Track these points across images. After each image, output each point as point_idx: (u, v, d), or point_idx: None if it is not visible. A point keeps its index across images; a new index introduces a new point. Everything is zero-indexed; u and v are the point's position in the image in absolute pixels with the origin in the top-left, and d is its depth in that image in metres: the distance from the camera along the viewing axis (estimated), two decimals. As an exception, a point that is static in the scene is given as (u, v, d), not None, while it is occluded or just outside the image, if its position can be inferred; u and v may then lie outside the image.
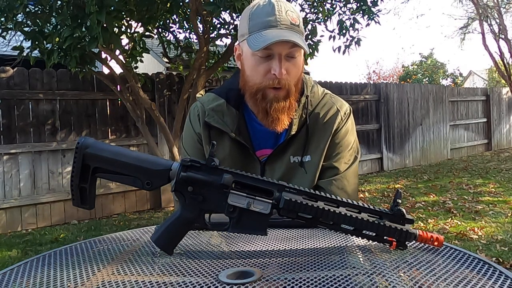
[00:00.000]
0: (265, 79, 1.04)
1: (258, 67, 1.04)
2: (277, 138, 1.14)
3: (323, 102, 1.17)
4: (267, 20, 1.01)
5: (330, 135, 1.14)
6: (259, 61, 1.03)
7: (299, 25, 1.03)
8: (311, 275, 0.71)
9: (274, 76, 1.02)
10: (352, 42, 5.24)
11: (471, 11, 12.89)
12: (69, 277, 0.75)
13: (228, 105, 1.14)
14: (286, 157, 1.13)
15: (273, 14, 1.01)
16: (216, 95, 1.17)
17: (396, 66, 28.45)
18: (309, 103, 1.15)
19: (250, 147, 1.13)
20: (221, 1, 3.69)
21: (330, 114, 1.16)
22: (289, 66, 1.04)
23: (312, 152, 1.14)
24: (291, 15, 1.02)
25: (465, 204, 5.25)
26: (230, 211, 0.82)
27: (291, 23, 1.01)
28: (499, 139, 11.89)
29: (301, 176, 1.13)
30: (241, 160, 1.13)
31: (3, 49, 5.88)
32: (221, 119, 1.13)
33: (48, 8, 3.96)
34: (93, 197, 0.87)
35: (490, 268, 0.74)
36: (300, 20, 1.05)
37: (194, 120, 1.19)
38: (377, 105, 8.65)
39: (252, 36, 1.02)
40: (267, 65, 1.03)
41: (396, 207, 0.83)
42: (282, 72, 1.02)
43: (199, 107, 1.19)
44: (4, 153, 4.68)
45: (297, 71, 1.07)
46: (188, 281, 0.70)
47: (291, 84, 1.05)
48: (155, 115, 4.83)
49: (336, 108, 1.17)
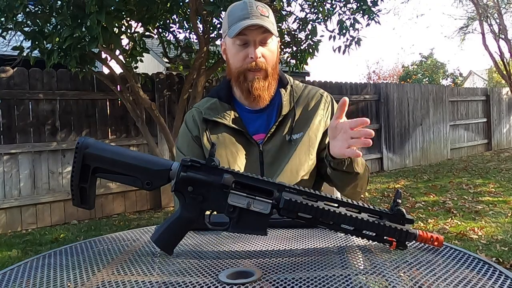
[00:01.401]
0: (245, 62, 1.22)
1: (238, 54, 1.23)
2: (268, 122, 1.29)
3: (307, 90, 1.35)
4: (241, 14, 1.21)
5: (317, 111, 1.31)
6: (238, 49, 1.22)
7: (268, 16, 1.23)
8: (311, 275, 0.71)
9: (251, 59, 1.21)
10: (352, 42, 5.23)
11: (471, 11, 12.90)
12: (69, 277, 0.75)
13: (220, 102, 1.30)
14: (280, 137, 1.26)
15: (246, 8, 1.21)
16: (208, 97, 1.34)
17: (396, 66, 28.46)
18: (294, 91, 1.33)
19: (246, 132, 1.26)
20: (221, 1, 3.69)
21: (315, 98, 1.33)
22: (263, 50, 1.22)
23: (303, 129, 1.28)
24: (261, 8, 1.23)
25: (465, 204, 5.25)
26: (230, 211, 0.82)
27: (261, 14, 1.21)
28: (499, 139, 11.89)
29: (294, 150, 1.25)
30: (240, 146, 1.25)
31: (3, 49, 5.88)
32: (217, 114, 1.28)
33: (48, 8, 3.96)
34: (93, 197, 0.87)
35: (490, 268, 0.74)
36: (270, 13, 1.24)
37: (190, 124, 1.31)
38: (377, 105, 8.65)
39: (231, 28, 1.21)
40: (245, 51, 1.22)
41: (396, 207, 0.83)
42: (257, 54, 1.20)
43: (194, 112, 1.33)
44: (4, 153, 4.68)
45: (272, 55, 1.24)
46: (188, 281, 0.70)
47: (268, 66, 1.23)
48: (155, 115, 4.83)
49: (319, 94, 1.35)
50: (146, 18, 4.47)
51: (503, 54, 11.58)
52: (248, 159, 1.24)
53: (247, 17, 1.19)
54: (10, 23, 3.94)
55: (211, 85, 6.07)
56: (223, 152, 1.23)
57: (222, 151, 1.23)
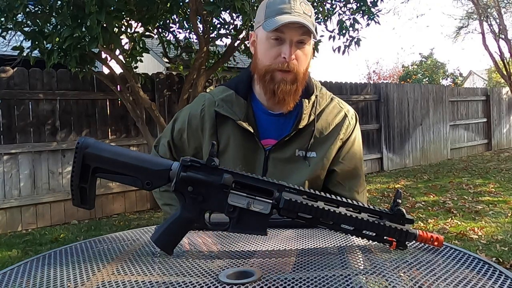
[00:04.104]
0: (275, 62, 1.11)
1: (270, 50, 1.11)
2: (282, 129, 1.18)
3: (331, 105, 1.23)
4: (282, 7, 1.09)
5: (337, 136, 1.20)
6: (272, 44, 1.11)
7: (311, 16, 1.11)
8: (311, 275, 0.71)
9: (284, 60, 1.09)
10: (352, 42, 5.24)
11: (471, 11, 12.89)
12: (69, 277, 0.75)
13: (237, 95, 1.19)
14: (291, 149, 1.17)
15: (288, 2, 1.10)
16: (225, 87, 1.24)
17: (396, 66, 28.45)
18: (318, 102, 1.21)
19: (256, 134, 1.17)
20: (221, 1, 3.69)
21: (338, 117, 1.22)
22: (298, 52, 1.11)
23: (318, 149, 1.18)
24: (305, 6, 1.11)
25: (465, 204, 5.25)
26: (230, 211, 0.82)
27: (304, 12, 1.10)
28: (499, 139, 11.89)
29: (303, 169, 1.16)
30: (246, 147, 1.17)
31: (3, 49, 5.88)
32: (230, 108, 1.18)
33: (48, 8, 3.96)
34: (93, 197, 0.87)
35: (490, 268, 0.74)
36: (312, 13, 1.13)
37: (195, 120, 1.22)
38: (377, 105, 8.65)
39: (267, 21, 1.09)
40: (278, 49, 1.10)
41: (396, 207, 0.83)
42: (291, 56, 1.09)
43: (206, 102, 1.23)
44: (4, 153, 4.68)
45: (305, 59, 1.13)
46: (188, 281, 0.70)
47: (299, 70, 1.12)
48: (155, 115, 4.83)
49: (344, 113, 1.24)
50: (146, 18, 4.47)
51: (503, 54, 11.59)
52: (252, 162, 1.17)
53: (288, 12, 1.08)
54: (10, 23, 3.94)
55: (211, 85, 6.08)
56: (229, 150, 1.18)
57: (227, 149, 1.18)
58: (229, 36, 5.35)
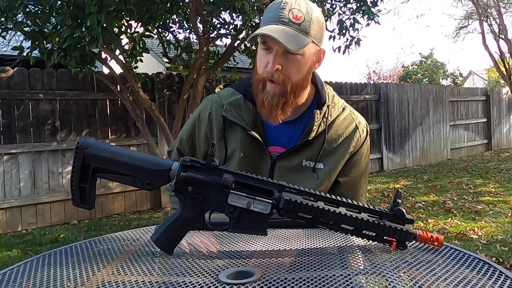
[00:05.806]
0: (264, 71, 1.07)
1: (261, 59, 1.08)
2: (291, 136, 1.16)
3: (342, 116, 1.20)
4: (270, 16, 1.05)
5: (347, 149, 1.17)
6: (262, 54, 1.08)
7: (300, 24, 1.03)
8: (311, 275, 0.71)
9: (269, 70, 1.06)
10: (352, 42, 5.24)
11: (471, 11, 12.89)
12: (69, 277, 0.75)
13: (245, 100, 1.16)
14: (299, 159, 1.14)
15: (277, 10, 1.04)
16: (234, 90, 1.20)
17: (396, 66, 28.43)
18: (330, 113, 1.17)
19: (264, 141, 1.15)
20: (221, 1, 3.69)
21: (349, 129, 1.19)
22: (285, 62, 1.05)
23: (326, 161, 1.15)
24: (295, 12, 1.03)
25: (465, 204, 5.25)
26: (230, 211, 0.82)
27: (290, 20, 1.03)
28: (499, 139, 11.89)
29: (311, 180, 1.14)
30: (253, 154, 1.15)
31: (3, 49, 5.88)
32: (238, 113, 1.15)
33: (48, 8, 3.96)
34: (93, 197, 0.87)
35: (490, 268, 0.74)
36: (307, 19, 1.04)
37: (203, 120, 1.22)
38: (377, 105, 8.65)
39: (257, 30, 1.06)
40: (267, 58, 1.06)
41: (396, 207, 0.83)
42: (273, 66, 1.04)
43: (214, 105, 1.20)
44: (4, 153, 4.68)
45: (297, 69, 1.07)
46: (188, 281, 0.70)
47: (289, 81, 1.06)
48: (155, 115, 4.83)
49: (355, 124, 1.21)
50: (146, 18, 4.47)
51: (503, 54, 11.58)
52: (258, 170, 1.14)
53: (275, 20, 1.03)
54: (10, 23, 3.94)
55: (211, 85, 6.08)
56: (236, 155, 1.16)
57: (235, 154, 1.16)
58: (229, 36, 5.35)
